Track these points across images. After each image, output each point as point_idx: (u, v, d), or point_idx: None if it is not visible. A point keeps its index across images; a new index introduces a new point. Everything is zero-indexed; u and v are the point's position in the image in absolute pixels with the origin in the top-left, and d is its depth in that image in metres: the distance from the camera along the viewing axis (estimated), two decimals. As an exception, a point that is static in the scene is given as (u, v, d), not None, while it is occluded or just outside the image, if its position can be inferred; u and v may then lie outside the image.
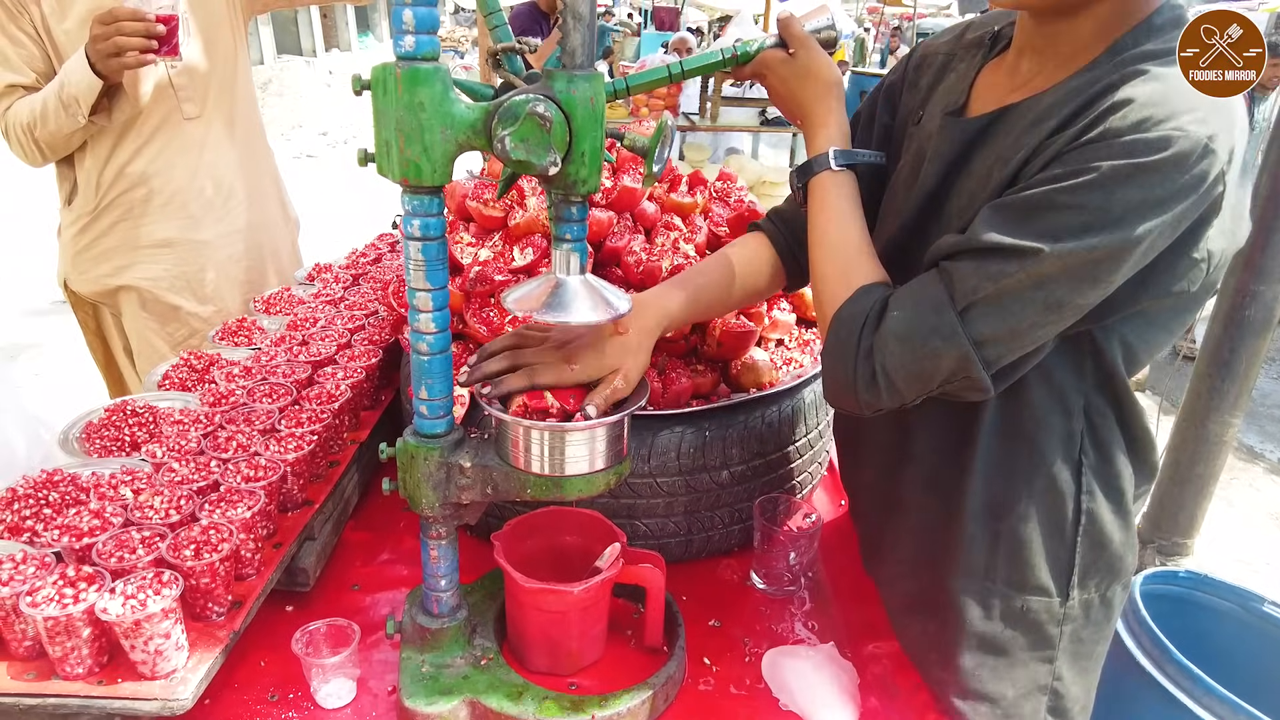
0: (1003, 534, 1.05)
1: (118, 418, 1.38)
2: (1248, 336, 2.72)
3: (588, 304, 0.92)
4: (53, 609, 0.89)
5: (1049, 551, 1.04)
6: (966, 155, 1.00)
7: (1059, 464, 1.01)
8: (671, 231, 1.52)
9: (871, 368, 0.92)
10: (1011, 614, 1.07)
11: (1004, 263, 0.84)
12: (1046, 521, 1.03)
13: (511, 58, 0.92)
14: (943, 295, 0.88)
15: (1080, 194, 0.81)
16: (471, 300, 1.38)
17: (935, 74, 1.13)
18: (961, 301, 0.87)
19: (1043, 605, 1.07)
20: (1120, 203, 0.80)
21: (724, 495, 1.31)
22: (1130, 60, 0.87)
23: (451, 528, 1.04)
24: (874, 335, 0.92)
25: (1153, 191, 0.79)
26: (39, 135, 1.90)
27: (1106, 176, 0.80)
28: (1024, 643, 1.08)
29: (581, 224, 0.93)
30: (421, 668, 1.07)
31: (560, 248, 0.93)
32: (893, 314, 0.91)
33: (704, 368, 1.40)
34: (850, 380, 0.94)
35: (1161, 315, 0.95)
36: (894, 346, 0.91)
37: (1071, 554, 1.05)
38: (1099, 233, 0.80)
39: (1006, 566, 1.06)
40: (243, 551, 1.08)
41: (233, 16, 2.14)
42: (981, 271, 0.86)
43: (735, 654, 1.19)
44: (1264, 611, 1.80)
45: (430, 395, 0.97)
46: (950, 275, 0.89)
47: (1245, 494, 4.05)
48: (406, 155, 0.83)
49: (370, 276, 2.02)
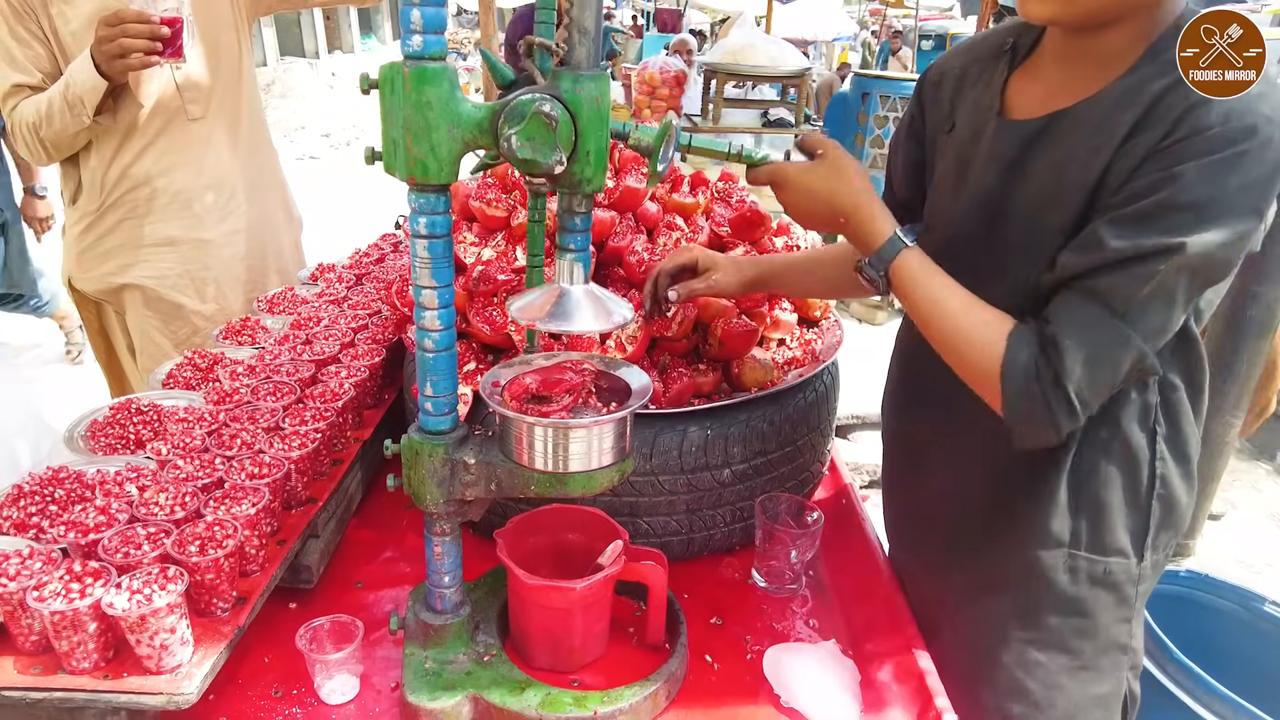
0: (1086, 500, 1.12)
1: (122, 416, 1.39)
2: (1249, 337, 2.72)
3: (590, 313, 0.93)
4: (59, 603, 0.89)
5: (1128, 516, 1.12)
6: (1023, 158, 1.06)
7: (1136, 432, 1.09)
8: (674, 231, 1.52)
9: (1067, 398, 0.97)
10: (1095, 578, 1.14)
11: (1149, 264, 0.91)
12: (1126, 488, 1.11)
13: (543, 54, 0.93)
14: (1102, 311, 0.95)
15: (1191, 190, 0.89)
16: (475, 299, 1.39)
17: (954, 86, 1.19)
18: (1122, 309, 0.94)
19: (1122, 567, 1.14)
20: (1233, 190, 0.88)
21: (725, 494, 1.32)
22: (1174, 62, 0.93)
23: (455, 524, 1.05)
24: (1054, 370, 0.96)
25: (1254, 173, 0.88)
26: (44, 135, 1.91)
27: (1210, 169, 0.88)
28: (1106, 602, 1.15)
29: (585, 234, 0.94)
30: (424, 664, 1.07)
31: (564, 257, 0.95)
32: (1066, 344, 0.96)
33: (706, 367, 1.41)
34: (1050, 418, 0.98)
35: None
36: (1081, 372, 0.96)
37: (1146, 517, 1.13)
38: (1225, 220, 0.89)
39: (1090, 531, 1.13)
40: (247, 548, 1.08)
41: (237, 18, 2.15)
42: (1131, 278, 0.93)
43: (737, 651, 1.19)
44: (1264, 611, 1.80)
45: (435, 392, 0.97)
46: (1099, 291, 0.95)
47: (1248, 495, 4.05)
48: (413, 153, 0.84)
49: (373, 276, 2.02)
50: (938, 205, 1.19)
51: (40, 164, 2.06)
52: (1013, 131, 1.07)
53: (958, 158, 1.15)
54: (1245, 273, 2.71)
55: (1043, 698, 1.17)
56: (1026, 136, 1.06)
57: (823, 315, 1.66)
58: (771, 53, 4.61)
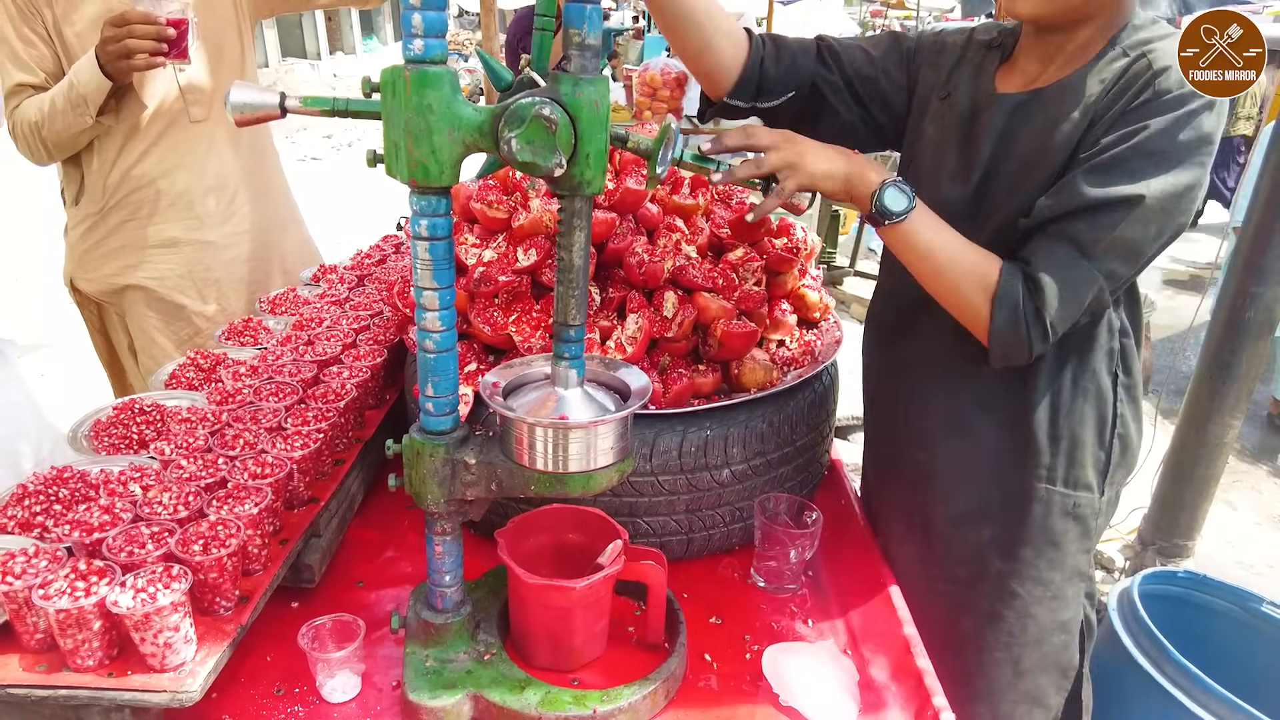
0: (1064, 436, 1.26)
1: (126, 416, 1.39)
2: (1248, 338, 2.72)
3: (585, 414, 0.99)
4: (64, 602, 0.90)
5: (1093, 453, 1.27)
6: (1011, 126, 1.22)
7: (1104, 375, 1.25)
8: (674, 233, 1.53)
9: (1044, 326, 1.13)
10: (1066, 511, 1.28)
11: (1113, 212, 1.07)
12: (1095, 426, 1.26)
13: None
14: (1073, 252, 1.10)
15: (1152, 143, 1.05)
16: (476, 301, 1.39)
17: (953, 60, 1.34)
18: (1089, 250, 1.10)
19: (1087, 501, 1.29)
20: (1186, 141, 1.05)
21: (725, 494, 1.33)
22: (1133, 44, 1.13)
23: (456, 524, 1.06)
24: (1035, 303, 1.12)
25: (1202, 129, 1.05)
26: (45, 134, 1.92)
27: (1169, 126, 1.04)
28: (1074, 534, 1.29)
29: (579, 344, 0.99)
30: (425, 662, 1.08)
31: (560, 364, 1.00)
32: (1045, 280, 1.11)
33: (705, 368, 1.42)
34: (1027, 340, 1.14)
35: None
36: (1057, 305, 1.11)
37: (1109, 454, 1.28)
38: (1178, 168, 1.05)
39: (1065, 466, 1.27)
40: (250, 547, 1.09)
41: (240, 20, 2.16)
42: (1098, 224, 1.08)
43: (736, 651, 1.20)
44: (1262, 612, 1.81)
45: (436, 392, 0.98)
46: (1071, 235, 1.10)
47: (1248, 496, 4.05)
48: (415, 156, 0.85)
49: (375, 277, 2.03)
50: (932, 166, 1.32)
51: (40, 163, 2.05)
52: (1004, 103, 1.23)
53: (959, 130, 1.29)
54: (1244, 274, 2.72)
55: (1015, 625, 1.31)
56: (1013, 107, 1.22)
57: (822, 316, 1.66)
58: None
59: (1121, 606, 1.79)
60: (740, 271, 1.51)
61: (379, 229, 2.58)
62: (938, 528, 1.37)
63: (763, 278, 1.53)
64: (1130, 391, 1.28)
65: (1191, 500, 2.98)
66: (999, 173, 1.23)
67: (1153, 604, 1.77)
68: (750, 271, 1.51)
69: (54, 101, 1.87)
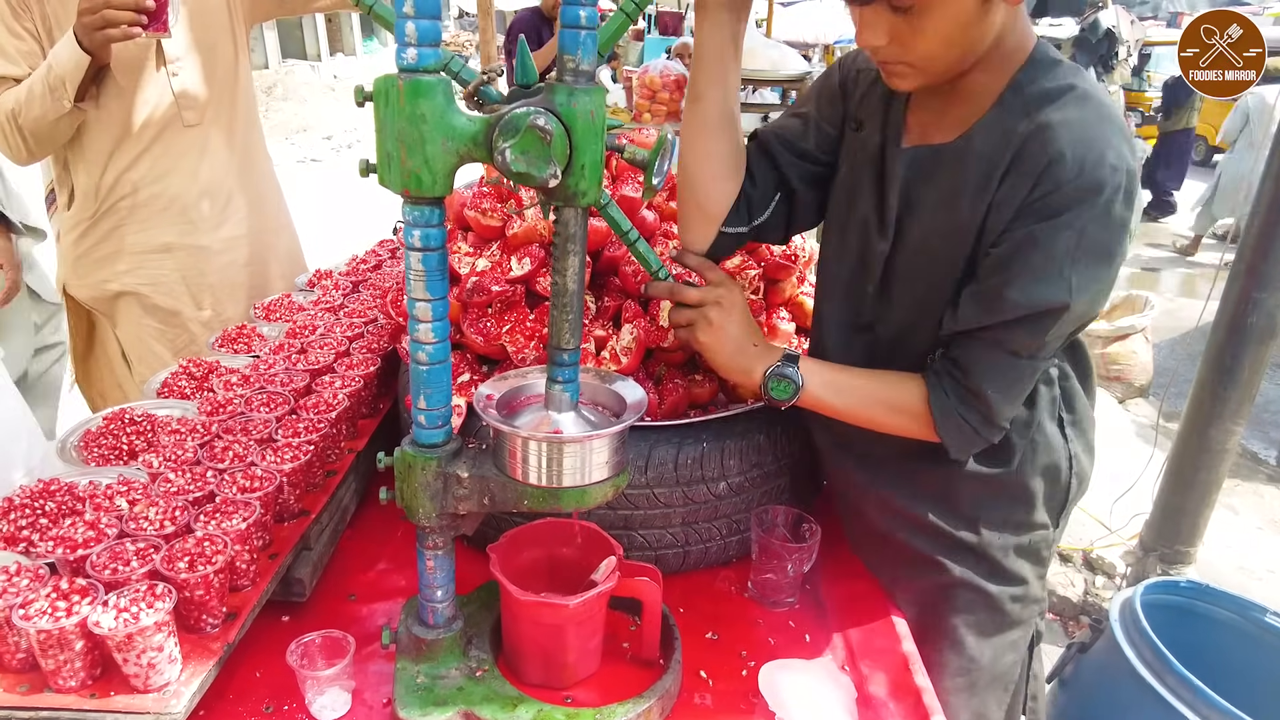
0: (1010, 488, 1.24)
1: (116, 426, 1.38)
2: (1250, 343, 2.70)
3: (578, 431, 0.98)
4: (45, 622, 0.88)
5: (1046, 496, 1.26)
6: (913, 188, 1.16)
7: (1049, 425, 1.24)
8: (670, 240, 1.51)
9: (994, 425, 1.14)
10: (1021, 548, 1.28)
11: (1043, 319, 1.05)
12: (1049, 475, 1.25)
13: (486, 90, 0.93)
14: (1011, 359, 1.10)
15: (1070, 242, 1.01)
16: (468, 310, 1.38)
17: (866, 88, 1.25)
18: (1026, 353, 1.10)
19: (1042, 537, 1.30)
20: (1101, 237, 1.02)
21: (721, 506, 1.31)
22: (1035, 99, 1.05)
23: (448, 538, 1.04)
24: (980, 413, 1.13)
25: (1116, 218, 1.01)
26: (23, 122, 1.83)
27: (1080, 221, 1.00)
28: (1028, 568, 1.30)
29: (574, 367, 0.98)
30: (416, 679, 1.06)
31: (553, 388, 0.99)
32: (988, 391, 1.11)
33: (702, 378, 1.40)
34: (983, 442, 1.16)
35: None
36: (1005, 407, 1.13)
37: (1066, 493, 1.29)
38: (1098, 264, 1.03)
39: (1018, 514, 1.26)
40: (237, 563, 1.07)
41: (234, 24, 2.14)
42: (1032, 332, 1.07)
43: (732, 667, 1.18)
44: (1265, 622, 1.79)
45: (429, 405, 0.97)
46: (1007, 343, 1.09)
47: (1248, 501, 4.03)
48: (408, 166, 0.83)
49: (370, 283, 2.01)
50: (845, 210, 1.27)
51: (19, 159, 1.95)
52: (904, 156, 1.17)
53: (870, 171, 1.22)
54: (1246, 279, 2.70)
55: (976, 652, 1.31)
56: (912, 162, 1.16)
57: (821, 324, 1.64)
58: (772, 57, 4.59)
59: (1123, 617, 1.77)
60: (737, 279, 1.49)
61: (379, 231, 2.56)
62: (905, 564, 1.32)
63: (760, 285, 1.51)
64: (1079, 426, 1.28)
65: (1193, 506, 2.96)
66: (907, 233, 1.18)
67: (1155, 614, 1.75)
68: (747, 279, 1.50)
69: (31, 87, 1.81)
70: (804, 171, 1.29)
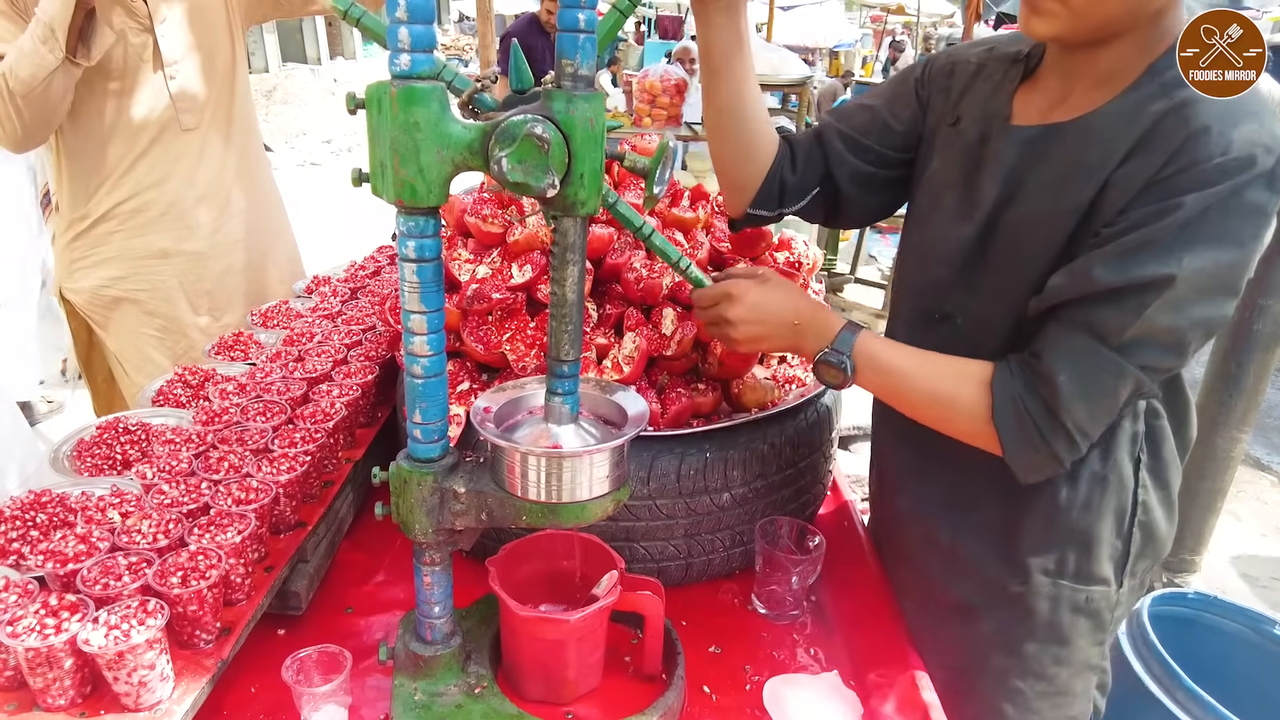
0: (1075, 530, 1.13)
1: (109, 436, 1.36)
2: (1255, 350, 2.69)
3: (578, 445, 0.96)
4: (33, 640, 0.86)
5: (1110, 545, 1.14)
6: (1020, 166, 1.06)
7: (1125, 462, 1.10)
8: (673, 247, 1.49)
9: (1065, 431, 0.98)
10: (1077, 606, 1.16)
11: (1141, 295, 0.91)
12: (1113, 517, 1.12)
13: (481, 98, 0.91)
14: (1094, 343, 0.95)
15: (1190, 223, 0.88)
16: (468, 318, 1.36)
17: (967, 81, 1.18)
18: (1115, 340, 0.93)
19: (1102, 594, 1.16)
20: (1228, 222, 0.88)
21: (725, 518, 1.29)
22: (1174, 83, 0.92)
23: (446, 554, 1.02)
24: (1047, 405, 0.98)
25: (1249, 204, 0.87)
26: (14, 86, 1.74)
27: (1211, 201, 0.87)
28: (1084, 629, 1.18)
29: (574, 379, 0.96)
30: (414, 696, 1.05)
31: (553, 400, 0.97)
32: (1060, 379, 0.96)
33: (705, 387, 1.38)
34: (1051, 452, 1.00)
35: None
36: (1078, 404, 0.96)
37: (1127, 545, 1.14)
38: (1217, 245, 0.88)
39: (1076, 561, 1.14)
40: (232, 577, 1.05)
41: (231, 26, 2.13)
42: (1123, 308, 0.92)
43: (735, 682, 1.16)
44: (1274, 634, 1.77)
45: (425, 419, 0.95)
46: (1091, 323, 0.95)
47: (1253, 507, 4.01)
48: (402, 176, 0.81)
49: (368, 290, 2.00)
50: (937, 198, 1.19)
51: (14, 141, 1.85)
52: (1014, 135, 1.08)
53: (964, 159, 1.15)
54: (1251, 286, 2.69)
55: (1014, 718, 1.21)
56: (1024, 143, 1.06)
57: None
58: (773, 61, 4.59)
59: (1130, 629, 1.75)
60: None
61: (379, 234, 2.54)
62: (936, 611, 1.26)
63: (764, 293, 1.49)
64: (1158, 475, 1.13)
65: (1199, 515, 2.94)
66: (1005, 219, 1.08)
67: (1162, 625, 1.73)
68: (751, 287, 1.48)
69: (21, 45, 1.73)
70: (856, 171, 1.26)
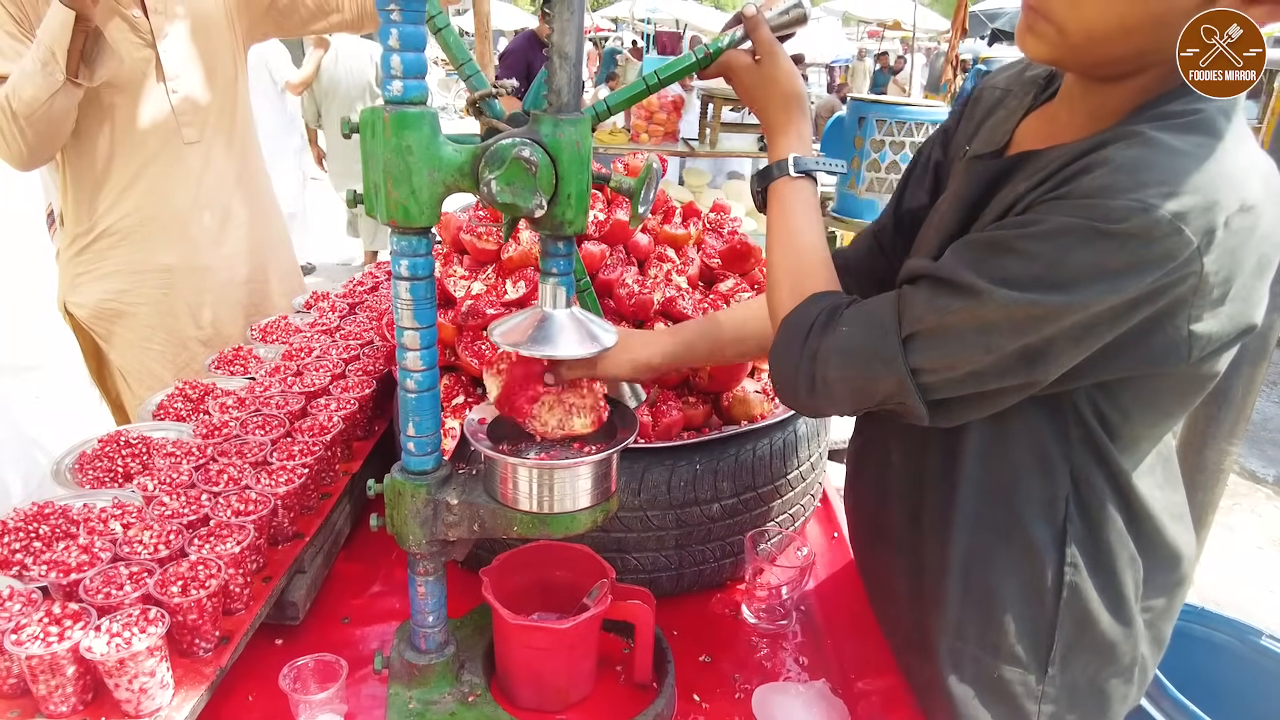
0: (975, 590, 1.03)
1: (111, 449, 1.38)
2: (1244, 364, 2.70)
3: (574, 338, 0.93)
4: (37, 647, 0.88)
5: (1025, 619, 1.01)
6: (985, 197, 0.98)
7: (1039, 526, 0.99)
8: (664, 263, 1.53)
9: (812, 374, 0.93)
10: (987, 681, 1.05)
11: (951, 298, 0.84)
12: (1023, 586, 1.01)
13: (491, 103, 0.94)
14: (891, 320, 0.89)
15: (1034, 243, 0.80)
16: (463, 333, 1.39)
17: (988, 109, 1.12)
18: (907, 329, 0.87)
19: (1018, 677, 1.03)
20: (1070, 263, 0.78)
21: (715, 529, 1.31)
22: (1141, 119, 0.84)
23: (439, 564, 1.05)
24: (819, 343, 0.93)
25: (1105, 260, 0.77)
26: (18, 107, 1.76)
27: (1061, 232, 0.78)
28: (999, 714, 1.05)
29: (568, 258, 0.94)
30: (409, 704, 1.06)
31: (547, 281, 0.95)
32: (841, 329, 0.92)
33: (695, 400, 1.41)
34: (793, 382, 0.96)
35: (1149, 393, 0.93)
36: (836, 360, 0.91)
37: (1051, 627, 1.01)
38: (1044, 289, 0.79)
39: (979, 625, 1.04)
40: (231, 586, 1.08)
41: (235, 43, 2.16)
42: (931, 303, 0.86)
43: (725, 690, 1.18)
44: (1262, 645, 1.79)
45: (418, 432, 0.97)
46: (904, 300, 0.89)
47: (1247, 519, 4.02)
48: (395, 197, 0.84)
49: (367, 305, 2.03)
50: (925, 235, 1.13)
51: (20, 159, 1.87)
52: (980, 169, 1.01)
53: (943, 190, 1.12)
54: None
55: None
56: (992, 174, 0.99)
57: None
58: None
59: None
60: (731, 302, 1.51)
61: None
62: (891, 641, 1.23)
63: (753, 308, 1.52)
64: (1098, 560, 0.99)
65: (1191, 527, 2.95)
66: None
67: (1151, 636, 1.75)
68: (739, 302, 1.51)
69: (23, 67, 1.75)
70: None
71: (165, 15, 1.99)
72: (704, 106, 4.84)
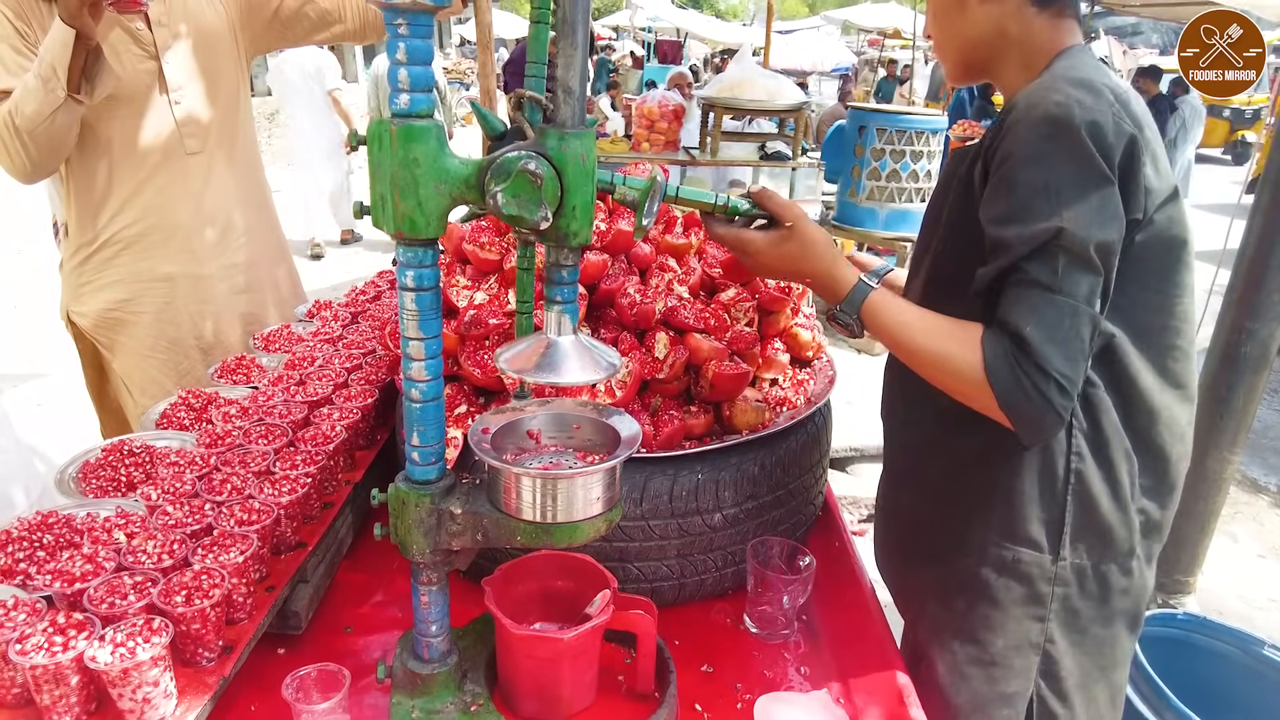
0: (999, 482, 1.18)
1: (114, 458, 1.39)
2: (1244, 373, 2.72)
3: (578, 365, 0.94)
4: (41, 657, 0.89)
5: (1041, 506, 1.17)
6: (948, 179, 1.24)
7: None
8: (666, 273, 1.53)
9: (1054, 380, 1.03)
10: (1004, 564, 1.19)
11: (1047, 246, 1.03)
12: (1039, 476, 1.16)
13: (532, 107, 0.94)
14: (1039, 294, 1.03)
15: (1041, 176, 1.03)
16: (466, 343, 1.39)
17: None
18: (1053, 283, 1.03)
19: (1034, 560, 1.19)
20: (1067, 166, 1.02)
21: (717, 538, 1.31)
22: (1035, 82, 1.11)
23: (442, 574, 1.05)
24: (1032, 360, 1.03)
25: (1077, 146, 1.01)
26: (20, 122, 1.78)
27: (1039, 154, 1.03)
28: (1016, 595, 1.20)
29: (573, 286, 0.95)
30: (411, 713, 1.07)
31: (552, 309, 0.95)
32: (1029, 332, 1.03)
33: (697, 409, 1.41)
34: (1047, 403, 1.03)
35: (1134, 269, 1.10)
36: (1050, 349, 1.02)
37: (1062, 512, 1.17)
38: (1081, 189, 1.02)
39: (1001, 514, 1.19)
40: (235, 596, 1.08)
41: (238, 54, 2.18)
42: (1046, 262, 1.03)
43: (727, 700, 1.18)
44: (1265, 655, 1.78)
45: (422, 442, 0.98)
46: (1028, 276, 1.04)
47: (1248, 528, 4.02)
48: (401, 209, 0.85)
49: (369, 315, 2.03)
50: None
51: (23, 173, 1.89)
52: (954, 156, 1.24)
53: None
54: (1238, 309, 2.72)
55: (948, 683, 1.24)
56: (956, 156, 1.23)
57: (815, 355, 1.66)
58: (769, 87, 4.65)
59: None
60: (732, 312, 1.51)
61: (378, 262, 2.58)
62: (898, 564, 1.37)
63: (755, 317, 1.53)
64: (1099, 450, 1.16)
65: (1192, 536, 2.96)
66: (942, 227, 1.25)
67: (1153, 647, 1.75)
68: (742, 311, 1.51)
69: (25, 83, 1.77)
70: None
71: (169, 28, 2.01)
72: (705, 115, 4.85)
